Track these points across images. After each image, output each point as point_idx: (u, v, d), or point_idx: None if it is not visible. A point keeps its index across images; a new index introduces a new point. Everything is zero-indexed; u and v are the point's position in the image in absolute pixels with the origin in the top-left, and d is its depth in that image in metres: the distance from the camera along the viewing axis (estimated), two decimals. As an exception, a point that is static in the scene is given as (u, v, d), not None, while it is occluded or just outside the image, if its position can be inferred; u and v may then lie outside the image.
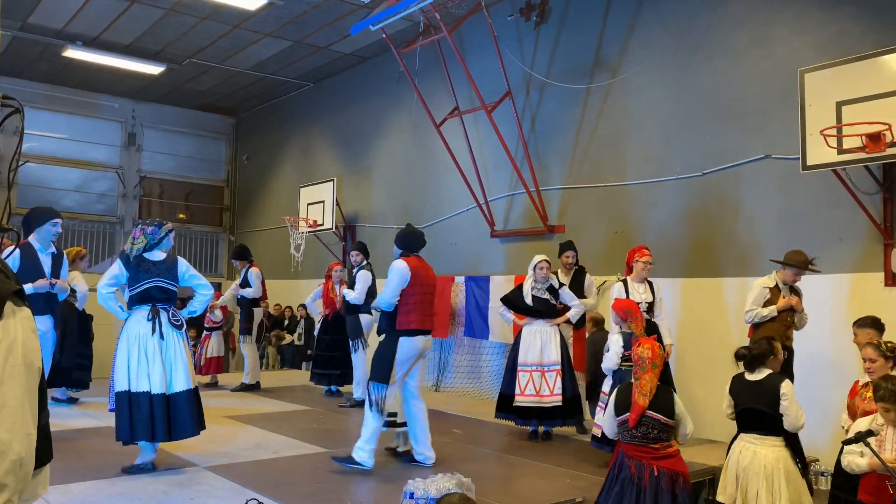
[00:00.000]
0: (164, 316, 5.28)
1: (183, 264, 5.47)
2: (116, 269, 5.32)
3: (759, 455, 4.36)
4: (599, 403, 5.83)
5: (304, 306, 13.27)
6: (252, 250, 10.24)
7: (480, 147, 10.31)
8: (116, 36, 11.96)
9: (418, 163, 11.73)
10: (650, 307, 6.46)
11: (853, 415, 4.67)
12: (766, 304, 5.86)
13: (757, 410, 4.43)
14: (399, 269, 5.47)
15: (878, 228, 6.44)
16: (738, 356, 4.58)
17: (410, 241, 5.72)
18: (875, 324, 5.20)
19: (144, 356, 5.15)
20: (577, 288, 7.07)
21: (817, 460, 6.15)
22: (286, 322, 13.78)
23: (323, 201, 12.65)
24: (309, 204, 13.01)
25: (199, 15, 11.02)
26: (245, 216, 16.80)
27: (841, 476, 4.42)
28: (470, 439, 6.69)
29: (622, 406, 4.37)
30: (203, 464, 5.40)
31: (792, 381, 4.73)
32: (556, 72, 9.49)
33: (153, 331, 5.19)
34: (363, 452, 5.32)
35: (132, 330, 5.22)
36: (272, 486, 4.90)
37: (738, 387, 4.57)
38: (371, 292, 8.10)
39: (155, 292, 5.28)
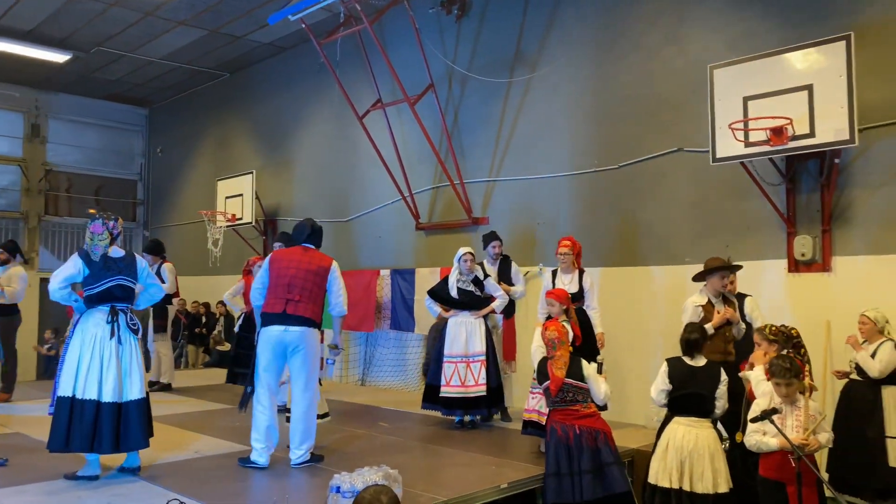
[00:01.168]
0: (122, 318, 4.99)
1: (142, 262, 5.18)
2: (73, 267, 4.92)
3: (700, 437, 4.61)
4: (531, 390, 5.96)
5: (223, 303, 12.94)
6: (168, 246, 9.89)
7: (404, 139, 10.30)
8: (17, 21, 11.31)
9: (341, 155, 11.61)
10: (575, 297, 6.59)
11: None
12: (702, 322, 5.73)
13: (698, 395, 4.63)
14: (262, 265, 5.51)
15: (781, 218, 6.80)
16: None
17: (295, 235, 5.68)
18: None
19: (99, 361, 4.84)
20: (505, 277, 7.17)
21: (726, 439, 6.45)
22: (203, 320, 13.39)
23: (241, 195, 12.36)
24: (227, 197, 12.69)
25: (108, 1, 10.56)
26: (160, 211, 16.23)
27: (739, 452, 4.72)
28: (396, 431, 6.70)
29: (543, 376, 4.95)
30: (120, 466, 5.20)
31: None
32: (478, 65, 9.57)
33: (112, 334, 4.90)
34: (253, 451, 5.27)
35: (89, 331, 4.90)
36: (195, 485, 4.78)
37: (679, 372, 4.74)
38: None
39: (116, 291, 4.97)
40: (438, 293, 6.94)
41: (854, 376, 5.79)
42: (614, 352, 7.82)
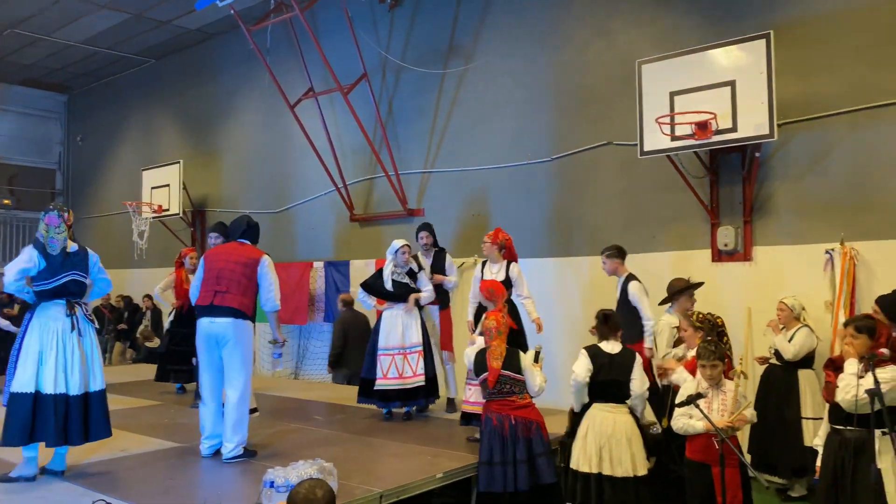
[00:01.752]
0: (79, 311, 4.87)
1: (94, 256, 5.02)
2: (28, 260, 4.73)
3: (619, 423, 4.72)
4: (468, 382, 6.00)
5: (150, 297, 12.53)
6: (90, 238, 9.53)
7: (338, 130, 10.19)
8: (-79, -1, 10.65)
9: (272, 145, 11.39)
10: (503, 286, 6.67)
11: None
12: (676, 344, 5.85)
13: (616, 381, 4.75)
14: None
15: (705, 209, 7.04)
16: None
17: (231, 231, 5.69)
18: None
19: (63, 355, 4.73)
20: (439, 269, 7.18)
21: (655, 423, 6.66)
22: (125, 314, 12.90)
23: (168, 185, 11.98)
24: (153, 188, 12.28)
25: (22, -20, 10.06)
26: (81, 201, 15.56)
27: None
28: (331, 425, 6.64)
29: (480, 368, 4.95)
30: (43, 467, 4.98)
31: None
32: (412, 56, 9.54)
33: (73, 327, 4.79)
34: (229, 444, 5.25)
35: (48, 326, 4.75)
36: (122, 485, 4.62)
37: (600, 359, 4.84)
38: None
39: (71, 286, 4.84)
40: (372, 286, 6.90)
41: (773, 361, 6.07)
42: (547, 341, 7.94)
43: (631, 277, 6.16)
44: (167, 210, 11.97)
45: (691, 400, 4.18)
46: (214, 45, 12.53)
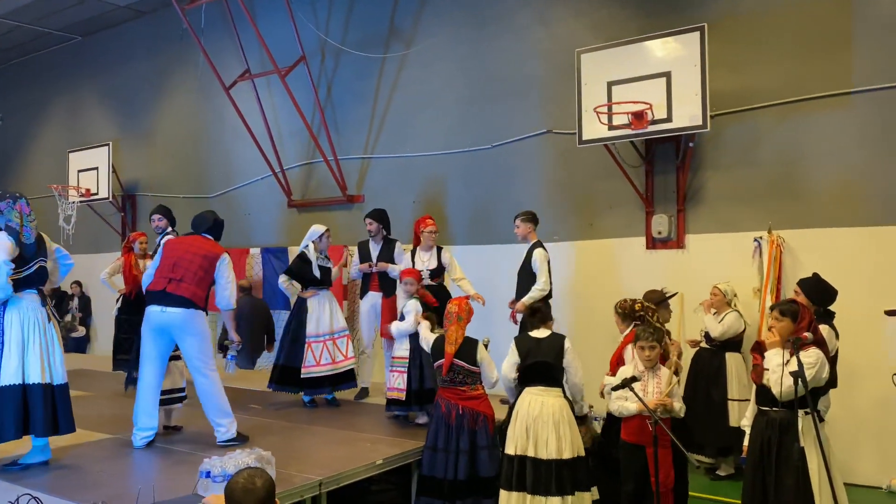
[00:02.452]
0: (48, 301, 4.86)
1: (48, 239, 4.97)
2: (11, 248, 4.58)
3: (546, 405, 4.76)
4: (392, 368, 6.00)
5: (79, 283, 12.09)
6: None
7: (275, 113, 9.98)
8: None
9: (207, 128, 11.08)
10: (434, 273, 6.70)
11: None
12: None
13: (544, 363, 4.81)
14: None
15: (641, 198, 7.20)
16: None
17: (194, 225, 5.63)
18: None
19: (42, 344, 4.68)
20: (388, 258, 7.10)
21: (592, 406, 6.81)
22: (53, 301, 12.37)
23: (97, 168, 11.53)
24: (80, 171, 11.79)
25: (-65, -53, 9.46)
26: (3, 184, 14.80)
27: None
28: (268, 413, 6.54)
29: (437, 353, 5.03)
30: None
31: None
32: (352, 39, 9.41)
33: (49, 317, 4.81)
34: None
35: (29, 316, 4.69)
36: (50, 479, 4.46)
37: (526, 344, 4.92)
38: None
39: (42, 273, 4.79)
40: (297, 272, 6.85)
41: (703, 344, 6.28)
42: (488, 327, 8.03)
43: (538, 245, 6.46)
44: (96, 194, 11.52)
45: (626, 383, 4.28)
46: (146, 23, 12.07)
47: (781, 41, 6.61)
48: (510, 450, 4.77)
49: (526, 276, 6.43)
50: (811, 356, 3.91)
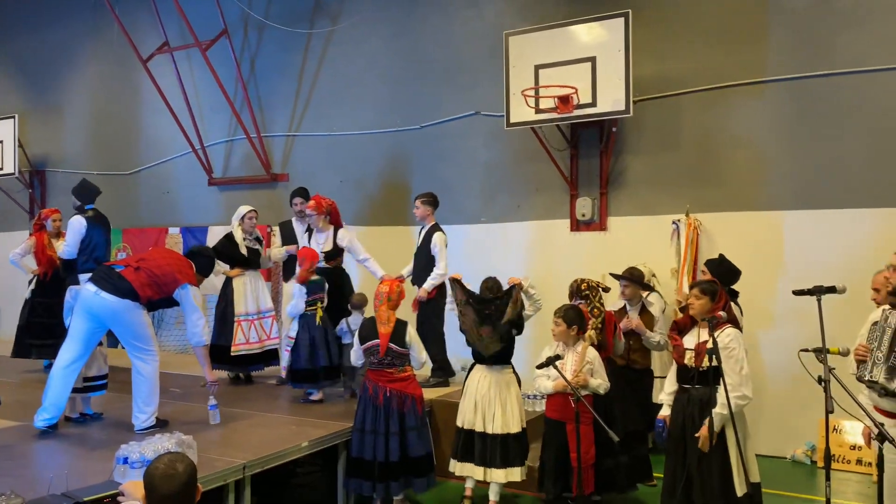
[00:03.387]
0: None
1: None
2: None
3: (493, 382, 4.94)
4: (285, 347, 6.20)
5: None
6: None
7: (195, 88, 9.64)
8: None
9: (122, 102, 10.59)
10: (329, 255, 6.55)
11: None
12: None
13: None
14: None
15: (566, 181, 7.33)
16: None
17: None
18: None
19: None
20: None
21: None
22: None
23: (1, 141, 10.87)
24: (-18, 144, 11.09)
25: None
26: None
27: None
28: (190, 397, 6.37)
29: (367, 335, 4.96)
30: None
31: None
32: (276, 13, 9.16)
33: None
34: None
35: None
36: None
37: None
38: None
39: None
40: (225, 252, 6.72)
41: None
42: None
43: (436, 228, 6.46)
44: (0, 169, 10.87)
45: (550, 361, 4.37)
46: (54, -11, 11.41)
47: (702, 30, 6.81)
48: (460, 423, 5.01)
49: (424, 259, 6.41)
50: (729, 334, 4.07)
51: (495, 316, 4.90)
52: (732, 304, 4.95)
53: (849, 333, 3.98)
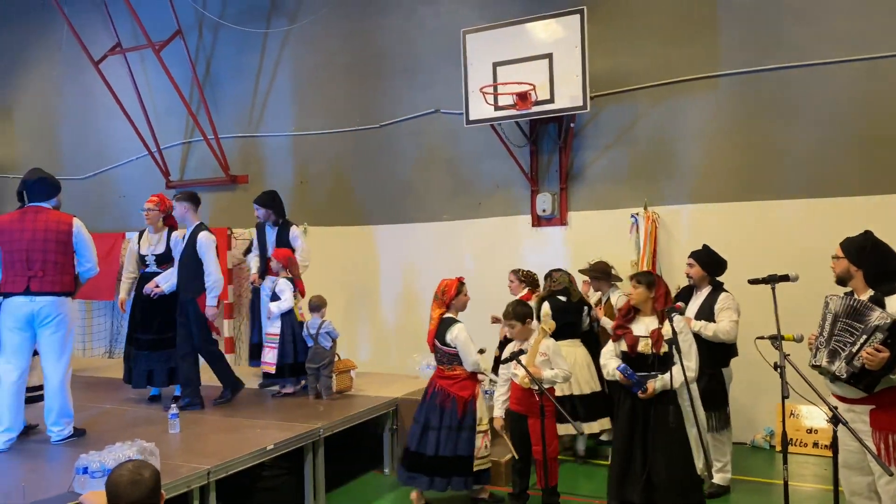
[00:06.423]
0: None
1: None
2: None
3: None
4: (267, 344, 6.24)
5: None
6: None
7: (149, 90, 9.46)
8: None
9: (74, 104, 10.35)
10: (160, 259, 6.26)
11: None
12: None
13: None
14: None
15: (526, 177, 7.38)
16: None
17: (21, 194, 5.05)
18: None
19: None
20: (284, 242, 6.76)
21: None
22: None
23: (-52, 147, 10.54)
24: (-73, 150, 10.73)
25: None
26: None
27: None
28: (151, 404, 6.24)
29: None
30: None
31: None
32: (231, 13, 9.04)
33: None
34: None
35: None
36: None
37: None
38: None
39: None
40: None
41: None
42: (384, 306, 8.04)
43: (202, 227, 5.89)
44: (-54, 175, 10.54)
45: (514, 356, 4.41)
46: (-1, -11, 11.08)
47: (655, 25, 6.92)
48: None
49: (193, 263, 5.81)
50: (680, 322, 4.17)
51: None
52: (724, 293, 5.02)
53: (804, 321, 4.09)
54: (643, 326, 4.27)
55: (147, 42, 8.35)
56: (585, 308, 6.08)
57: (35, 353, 5.11)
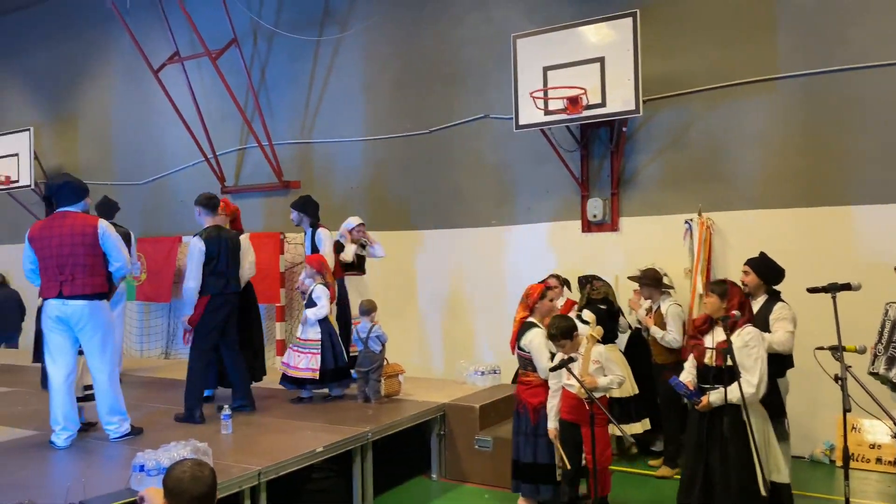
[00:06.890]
0: None
1: None
2: None
3: None
4: (300, 349, 6.22)
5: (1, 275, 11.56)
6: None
7: (206, 97, 9.71)
8: None
9: (135, 112, 10.70)
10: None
11: None
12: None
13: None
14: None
15: (576, 182, 7.30)
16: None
17: (52, 196, 5.12)
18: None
19: None
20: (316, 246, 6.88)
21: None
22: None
23: (17, 154, 10.99)
24: (-1, 157, 11.22)
25: None
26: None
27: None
28: (204, 403, 6.39)
29: None
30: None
31: None
32: (285, 21, 9.21)
33: None
34: (53, 433, 4.97)
35: None
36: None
37: None
38: None
39: None
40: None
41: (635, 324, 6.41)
42: (431, 311, 8.06)
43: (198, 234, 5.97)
44: (16, 181, 10.99)
45: (563, 364, 4.35)
46: (65, 3, 11.53)
47: (710, 27, 6.77)
48: None
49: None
50: (749, 333, 4.04)
51: None
52: (780, 302, 4.84)
53: (866, 332, 3.93)
54: (715, 338, 4.17)
55: (204, 50, 8.58)
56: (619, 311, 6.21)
57: (80, 352, 5.24)
